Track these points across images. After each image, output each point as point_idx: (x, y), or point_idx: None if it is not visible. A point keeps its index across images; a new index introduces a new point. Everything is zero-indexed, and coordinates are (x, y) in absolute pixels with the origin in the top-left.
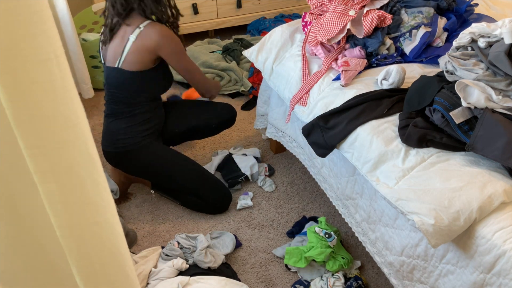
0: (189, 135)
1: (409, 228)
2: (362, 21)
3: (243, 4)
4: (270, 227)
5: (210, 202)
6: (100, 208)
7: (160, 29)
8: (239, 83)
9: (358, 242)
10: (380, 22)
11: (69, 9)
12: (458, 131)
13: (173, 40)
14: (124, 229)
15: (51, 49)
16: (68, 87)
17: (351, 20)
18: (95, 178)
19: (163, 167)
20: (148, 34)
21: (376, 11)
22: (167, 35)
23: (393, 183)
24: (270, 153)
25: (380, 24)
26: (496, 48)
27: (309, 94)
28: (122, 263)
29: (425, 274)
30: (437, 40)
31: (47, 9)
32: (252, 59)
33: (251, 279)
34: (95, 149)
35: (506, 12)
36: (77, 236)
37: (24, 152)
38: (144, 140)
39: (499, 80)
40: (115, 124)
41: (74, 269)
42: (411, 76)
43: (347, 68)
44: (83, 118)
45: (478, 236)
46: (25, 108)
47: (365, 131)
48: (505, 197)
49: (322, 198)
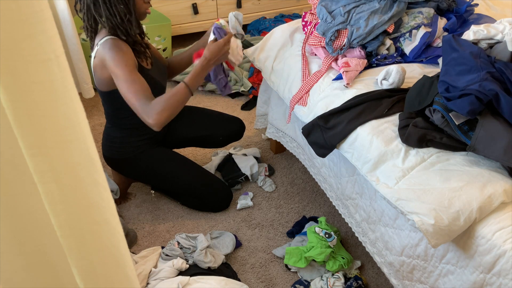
0: (194, 143)
1: (409, 228)
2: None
3: (243, 4)
4: (270, 227)
5: (210, 201)
6: (100, 208)
7: (110, 43)
8: (239, 83)
9: (358, 242)
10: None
11: (69, 9)
12: (458, 132)
13: (116, 54)
14: (124, 229)
15: (51, 49)
16: (68, 87)
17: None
18: (95, 178)
19: (161, 172)
20: (100, 51)
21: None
22: (112, 49)
23: (393, 183)
24: (270, 153)
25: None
26: (499, 53)
27: (309, 94)
28: (122, 263)
29: (425, 274)
30: (437, 40)
31: (47, 9)
32: (253, 59)
33: (251, 279)
34: (95, 149)
35: (506, 12)
36: (77, 236)
37: (24, 152)
38: (139, 149)
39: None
40: (111, 130)
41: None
42: (411, 76)
43: (348, 69)
44: (83, 118)
45: (478, 236)
46: (25, 108)
47: (365, 131)
48: (505, 197)
49: (322, 198)
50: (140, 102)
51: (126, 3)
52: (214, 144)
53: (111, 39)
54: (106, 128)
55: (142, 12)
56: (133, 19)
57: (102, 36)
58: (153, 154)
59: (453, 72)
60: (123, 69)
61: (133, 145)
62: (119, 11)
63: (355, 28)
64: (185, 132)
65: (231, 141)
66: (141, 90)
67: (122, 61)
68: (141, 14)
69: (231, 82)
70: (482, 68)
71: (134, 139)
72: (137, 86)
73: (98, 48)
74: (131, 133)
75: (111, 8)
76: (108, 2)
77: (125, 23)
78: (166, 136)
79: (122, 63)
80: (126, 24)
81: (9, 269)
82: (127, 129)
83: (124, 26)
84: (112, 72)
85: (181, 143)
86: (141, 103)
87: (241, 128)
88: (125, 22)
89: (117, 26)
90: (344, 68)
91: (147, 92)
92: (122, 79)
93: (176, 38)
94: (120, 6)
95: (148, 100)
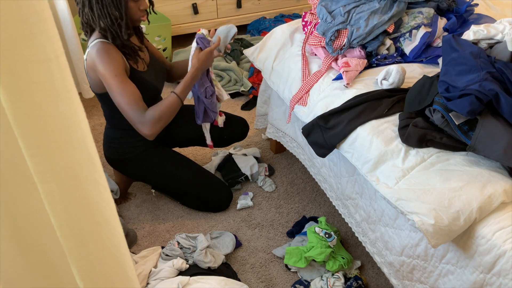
0: (196, 142)
1: (409, 228)
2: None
3: (243, 4)
4: (270, 227)
5: (210, 201)
6: (100, 208)
7: (99, 46)
8: (239, 83)
9: (358, 242)
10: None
11: (69, 9)
12: (458, 132)
13: (105, 61)
14: (124, 229)
15: (51, 49)
16: (68, 87)
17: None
18: (95, 178)
19: (161, 171)
20: (90, 53)
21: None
22: (100, 54)
23: (393, 183)
24: (270, 153)
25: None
26: (499, 53)
27: (309, 94)
28: (122, 263)
29: (425, 274)
30: (437, 40)
31: (47, 9)
32: (253, 58)
33: (251, 279)
34: (95, 149)
35: (506, 12)
36: (77, 236)
37: (24, 152)
38: (139, 149)
39: None
40: (111, 131)
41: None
42: (411, 76)
43: (348, 69)
44: (83, 118)
45: (478, 236)
46: (25, 108)
47: (365, 131)
48: (505, 197)
49: (322, 198)
50: (133, 112)
51: (118, 7)
52: (218, 143)
53: (100, 42)
54: (106, 128)
55: (135, 19)
56: (123, 24)
57: (94, 38)
58: (153, 154)
59: (453, 72)
60: (113, 79)
61: (133, 145)
62: (110, 13)
63: (355, 28)
64: (186, 131)
65: (235, 141)
66: (133, 100)
67: (110, 69)
68: (134, 21)
69: (231, 82)
70: (482, 68)
71: (133, 139)
72: (129, 95)
73: (88, 50)
74: (130, 134)
75: (103, 9)
76: (100, 2)
77: (115, 26)
78: (166, 135)
79: (110, 72)
80: (116, 27)
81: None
82: (125, 130)
83: (114, 29)
84: (103, 80)
85: (182, 142)
86: (134, 114)
87: (245, 128)
88: (115, 25)
89: (107, 27)
90: (344, 68)
91: (138, 100)
92: (113, 89)
93: (176, 38)
94: (112, 9)
95: (141, 110)
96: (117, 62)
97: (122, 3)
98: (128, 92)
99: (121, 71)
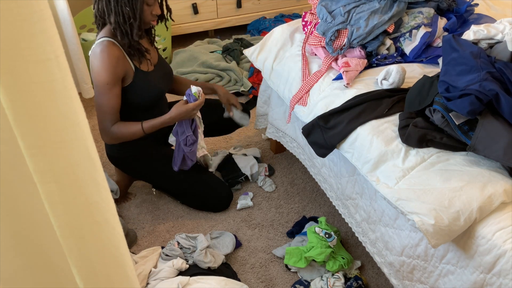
0: (205, 131)
1: (409, 228)
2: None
3: (243, 4)
4: (270, 227)
5: (210, 201)
6: (100, 208)
7: (103, 48)
8: (239, 83)
9: (358, 242)
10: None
11: (69, 9)
12: (458, 132)
13: (104, 65)
14: (124, 229)
15: (51, 49)
16: (68, 87)
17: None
18: (95, 178)
19: (161, 171)
20: (94, 51)
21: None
22: (102, 56)
23: (393, 183)
24: (270, 153)
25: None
26: (499, 53)
27: (309, 94)
28: (122, 263)
29: (425, 274)
30: (437, 40)
31: (47, 9)
32: (252, 58)
33: (251, 279)
34: (95, 149)
35: (506, 12)
36: (77, 236)
37: (24, 152)
38: (139, 148)
39: None
40: None
41: (74, 269)
42: (411, 76)
43: (348, 69)
44: (83, 118)
45: (478, 236)
46: (25, 108)
47: (365, 131)
48: (505, 197)
49: (322, 198)
50: (104, 120)
51: (133, 8)
52: (223, 129)
53: (106, 42)
54: None
55: (147, 22)
56: (136, 25)
57: (103, 34)
58: (154, 153)
59: (453, 72)
60: (103, 86)
61: (133, 144)
62: (124, 12)
63: (355, 28)
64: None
65: (239, 125)
66: (110, 110)
67: (104, 75)
68: (145, 23)
69: (231, 82)
70: (482, 68)
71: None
72: (109, 105)
73: (94, 46)
74: None
75: (117, 6)
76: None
77: (127, 25)
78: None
79: (104, 78)
80: (127, 26)
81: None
82: None
83: (125, 28)
84: (93, 80)
85: None
86: (104, 122)
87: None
88: (127, 24)
89: (118, 25)
90: (344, 68)
91: (114, 112)
92: (99, 94)
93: (176, 38)
94: (127, 8)
95: (111, 122)
96: (114, 70)
97: (138, 5)
98: (110, 102)
99: (114, 79)
